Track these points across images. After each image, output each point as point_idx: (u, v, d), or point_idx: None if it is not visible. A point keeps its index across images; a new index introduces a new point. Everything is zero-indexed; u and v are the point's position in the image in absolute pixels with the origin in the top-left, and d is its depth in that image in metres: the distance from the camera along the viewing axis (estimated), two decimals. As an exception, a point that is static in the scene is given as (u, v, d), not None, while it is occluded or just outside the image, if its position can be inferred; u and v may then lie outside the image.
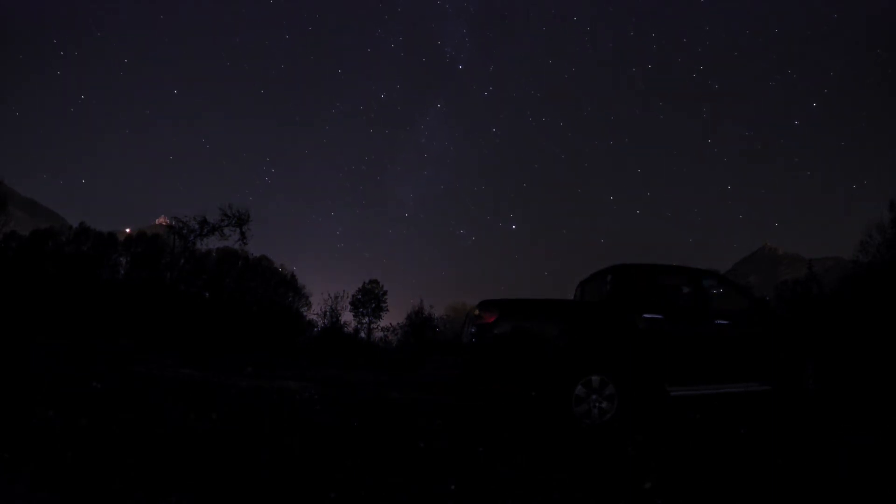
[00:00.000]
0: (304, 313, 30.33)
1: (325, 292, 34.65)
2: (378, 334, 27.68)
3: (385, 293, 29.66)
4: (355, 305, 28.62)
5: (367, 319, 28.62)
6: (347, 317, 27.56)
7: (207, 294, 27.05)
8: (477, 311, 4.07)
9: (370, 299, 29.12)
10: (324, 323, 26.31)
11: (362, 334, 27.96)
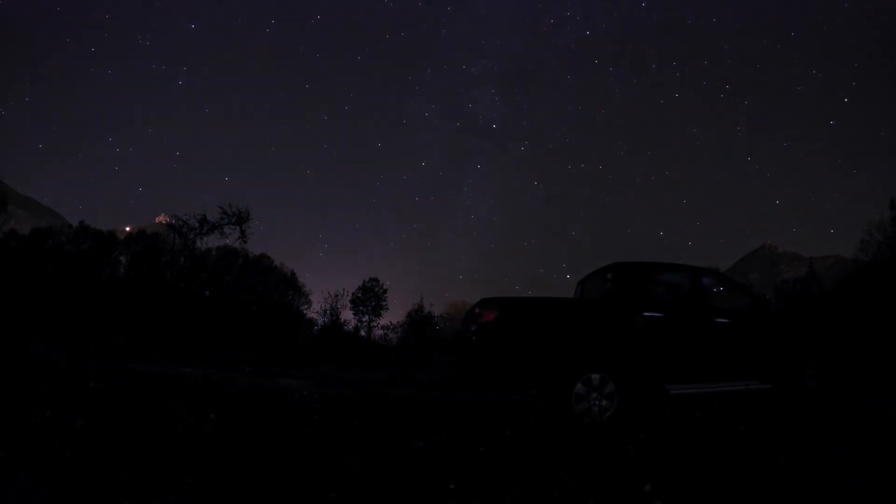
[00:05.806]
0: (305, 311, 30.39)
1: (325, 291, 34.68)
2: (378, 332, 27.73)
3: (385, 291, 29.71)
4: (355, 304, 28.65)
5: (367, 318, 28.68)
6: (348, 315, 27.61)
7: (207, 292, 27.06)
8: (477, 310, 4.05)
9: (370, 297, 29.15)
10: (324, 321, 26.34)
11: (362, 332, 28.01)
